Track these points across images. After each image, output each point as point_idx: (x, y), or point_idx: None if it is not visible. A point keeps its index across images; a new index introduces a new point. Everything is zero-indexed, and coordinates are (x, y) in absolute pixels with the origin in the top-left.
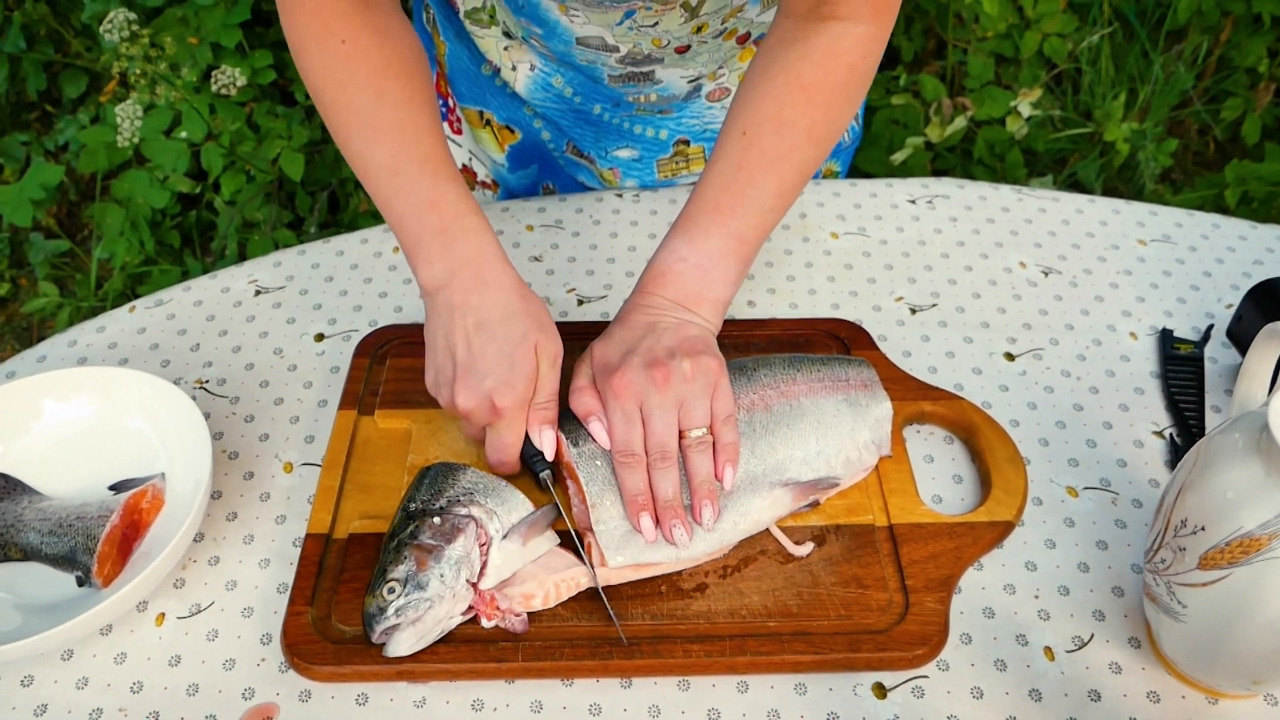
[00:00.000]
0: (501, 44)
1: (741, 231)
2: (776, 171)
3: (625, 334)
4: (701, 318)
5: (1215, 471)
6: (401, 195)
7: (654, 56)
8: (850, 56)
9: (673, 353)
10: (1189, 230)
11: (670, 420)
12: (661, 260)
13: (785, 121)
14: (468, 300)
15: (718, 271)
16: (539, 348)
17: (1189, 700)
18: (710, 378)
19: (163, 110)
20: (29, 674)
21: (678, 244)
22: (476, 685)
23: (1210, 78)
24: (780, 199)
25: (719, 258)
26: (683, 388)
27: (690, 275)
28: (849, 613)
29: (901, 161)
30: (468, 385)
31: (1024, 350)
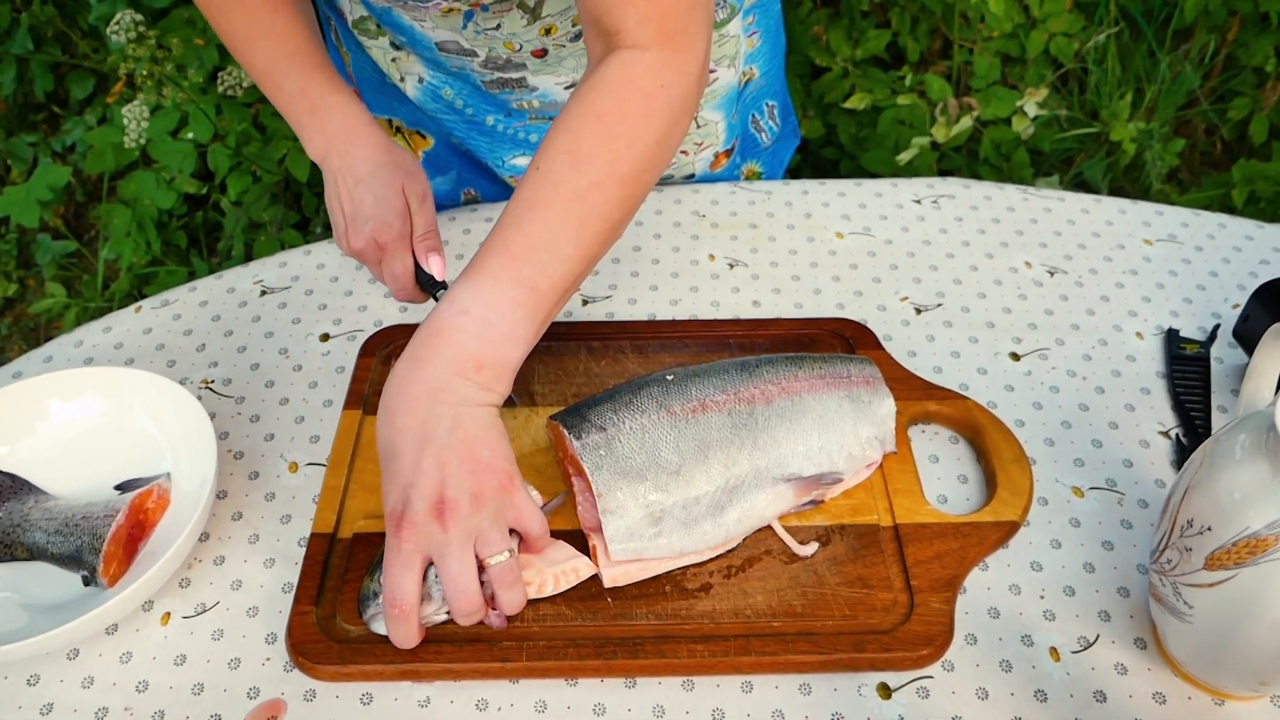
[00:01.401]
0: (389, 55)
1: (534, 280)
2: (574, 212)
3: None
4: (484, 388)
5: (1221, 472)
6: (280, 90)
7: (515, 61)
8: (645, 83)
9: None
10: (1195, 230)
11: (464, 561)
12: (440, 314)
13: (581, 155)
14: (344, 163)
15: (505, 326)
16: (406, 189)
17: (1195, 701)
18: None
19: (169, 111)
20: (35, 673)
21: (461, 293)
22: (481, 685)
23: (1217, 77)
24: (580, 246)
25: (508, 310)
26: (471, 520)
27: (473, 332)
28: (854, 613)
29: (907, 161)
30: (355, 230)
31: (1029, 350)
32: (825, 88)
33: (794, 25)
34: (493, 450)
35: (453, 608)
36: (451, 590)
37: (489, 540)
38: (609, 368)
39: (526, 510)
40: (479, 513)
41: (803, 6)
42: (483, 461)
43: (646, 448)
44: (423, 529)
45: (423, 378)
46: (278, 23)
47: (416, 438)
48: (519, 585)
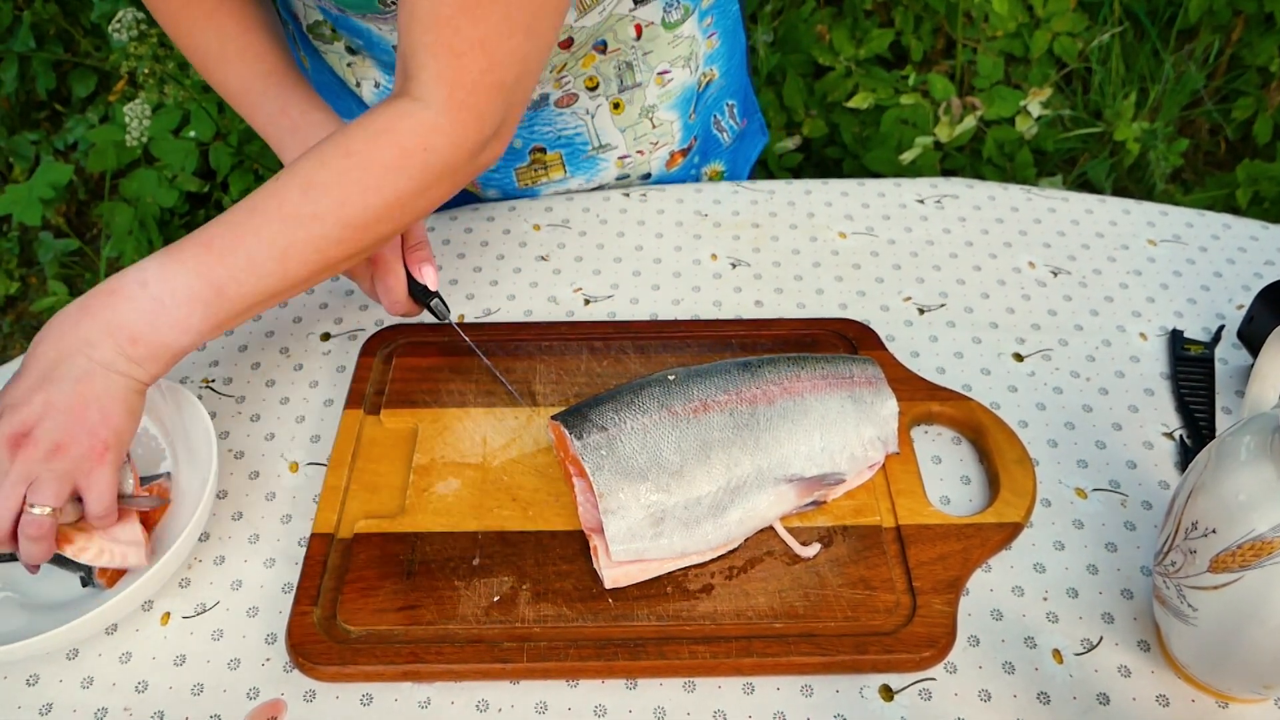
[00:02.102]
0: (345, 59)
1: (221, 282)
2: (287, 235)
3: (25, 371)
4: (132, 360)
5: (1226, 474)
6: (257, 109)
7: None
8: (407, 138)
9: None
10: (1200, 230)
11: (11, 494)
12: (122, 278)
13: (315, 184)
14: None
15: (176, 315)
16: None
17: (1199, 704)
18: (82, 462)
19: (171, 109)
20: (34, 673)
21: (149, 265)
22: (481, 686)
23: (1221, 77)
24: (282, 267)
25: (184, 300)
26: (39, 465)
27: (143, 306)
28: (856, 614)
29: (910, 161)
30: None
31: (1033, 351)
32: (828, 87)
33: (797, 24)
34: (105, 416)
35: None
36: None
37: (40, 490)
38: (611, 368)
39: (98, 487)
40: (49, 462)
41: (806, 5)
42: (87, 422)
43: (648, 448)
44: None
45: (80, 325)
46: (250, 42)
47: (44, 370)
48: (44, 542)
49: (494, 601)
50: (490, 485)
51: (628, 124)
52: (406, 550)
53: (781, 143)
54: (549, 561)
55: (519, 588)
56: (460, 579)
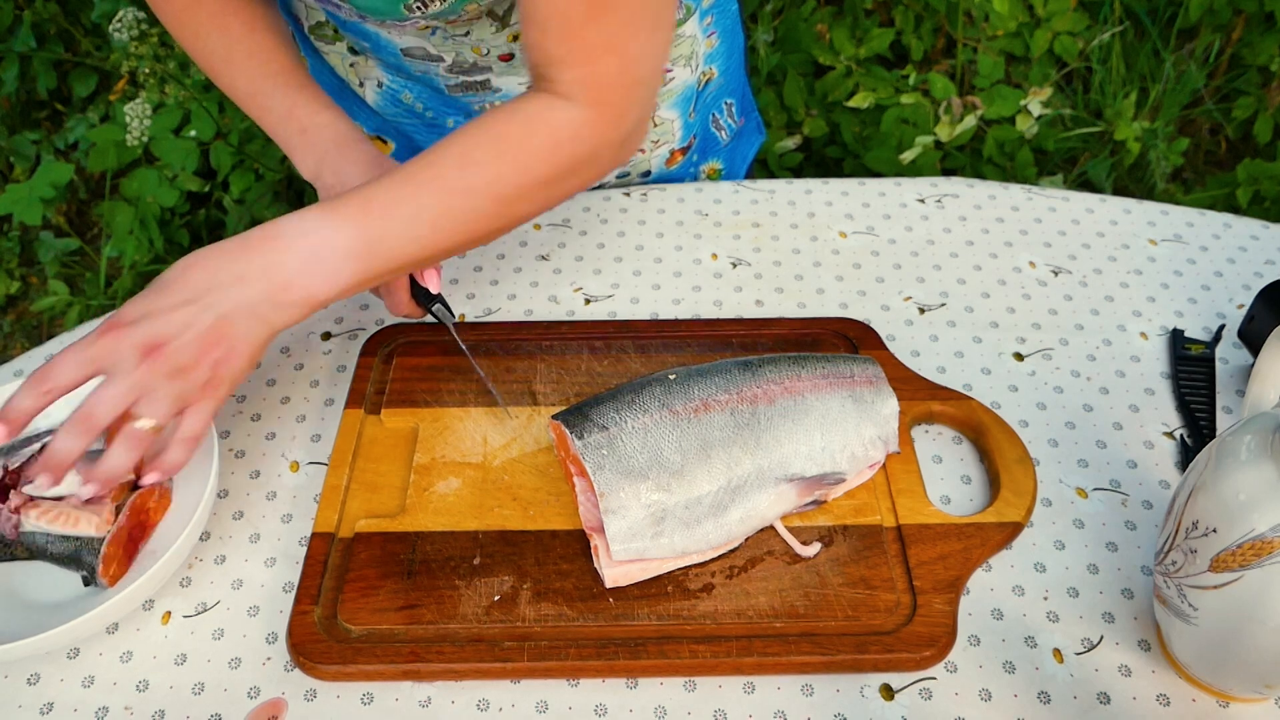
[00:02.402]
0: (348, 60)
1: (375, 241)
2: (442, 204)
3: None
4: (277, 306)
5: (1227, 473)
6: (266, 111)
7: (481, 65)
8: (558, 129)
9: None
10: (1200, 230)
11: (118, 396)
12: (289, 223)
13: (471, 160)
14: (337, 181)
15: (330, 267)
16: None
17: (1199, 704)
18: (197, 392)
19: (172, 109)
20: (35, 672)
21: (310, 216)
22: (482, 685)
23: (1222, 76)
24: (434, 235)
25: (340, 254)
26: (161, 380)
27: (300, 256)
28: (856, 614)
29: (911, 160)
30: None
31: (1033, 350)
32: (829, 86)
33: (797, 24)
34: (231, 355)
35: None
36: (88, 406)
37: (153, 403)
38: (611, 367)
39: (201, 417)
40: (169, 381)
41: (806, 5)
42: (214, 356)
43: (649, 447)
44: (124, 350)
45: (238, 260)
46: (257, 43)
47: (192, 291)
48: (134, 453)
49: (494, 601)
50: (491, 485)
51: None
52: (407, 550)
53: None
54: (549, 561)
55: (520, 587)
56: (461, 578)
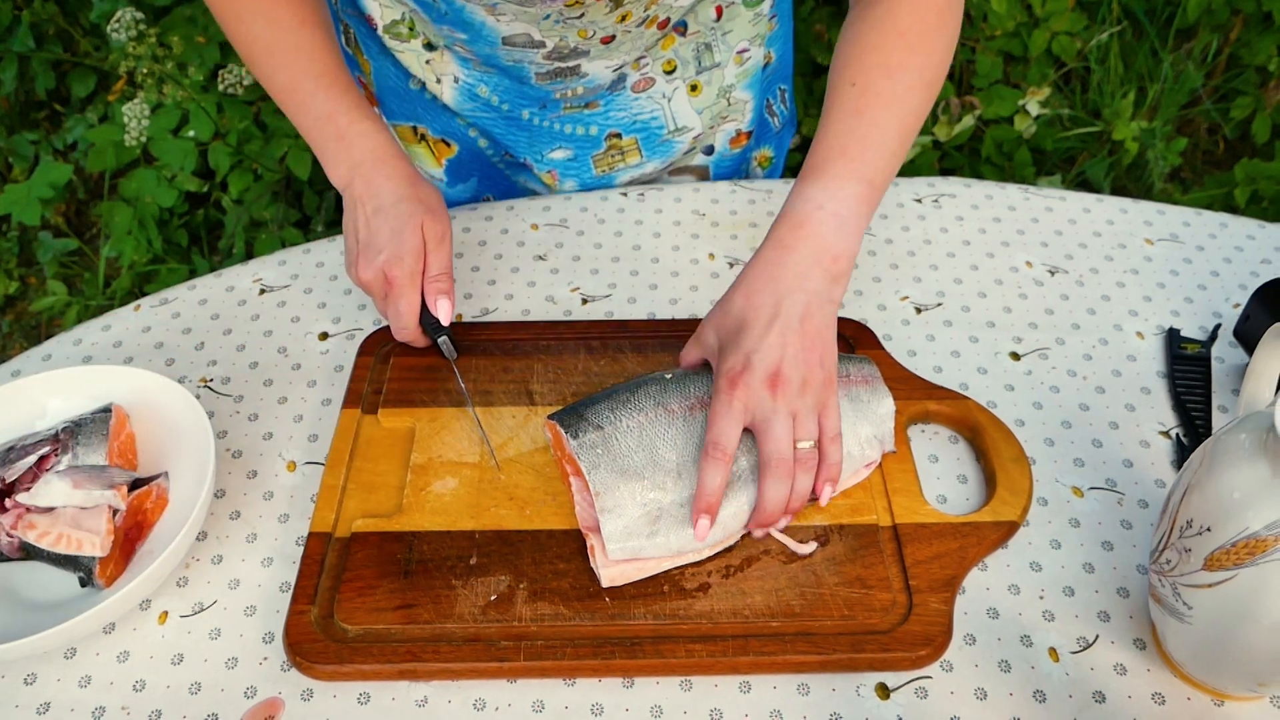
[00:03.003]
0: (423, 57)
1: (872, 176)
2: (896, 114)
3: (753, 314)
4: (836, 283)
5: (1221, 472)
6: (303, 110)
7: (580, 49)
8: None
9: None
10: (1197, 229)
11: (786, 429)
12: (798, 209)
13: (894, 66)
14: (366, 191)
15: (855, 221)
16: (425, 227)
17: (1194, 702)
18: (822, 394)
19: (170, 109)
20: (32, 672)
21: (812, 191)
22: (478, 685)
23: (1220, 76)
24: (902, 142)
25: (855, 205)
26: (797, 400)
27: (829, 225)
28: (852, 613)
29: (909, 160)
30: (365, 260)
31: (1030, 350)
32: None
33: (796, 23)
34: (827, 350)
35: (773, 470)
36: (773, 451)
37: (804, 424)
38: (608, 367)
39: (833, 415)
40: (802, 396)
41: (805, 5)
42: (818, 355)
43: (644, 446)
44: (756, 392)
45: (789, 263)
46: (304, 39)
47: (769, 314)
48: (810, 476)
49: (491, 600)
50: (487, 484)
51: (705, 105)
52: (404, 549)
53: None
54: (546, 560)
55: (516, 587)
56: (457, 578)
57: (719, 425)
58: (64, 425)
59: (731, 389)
